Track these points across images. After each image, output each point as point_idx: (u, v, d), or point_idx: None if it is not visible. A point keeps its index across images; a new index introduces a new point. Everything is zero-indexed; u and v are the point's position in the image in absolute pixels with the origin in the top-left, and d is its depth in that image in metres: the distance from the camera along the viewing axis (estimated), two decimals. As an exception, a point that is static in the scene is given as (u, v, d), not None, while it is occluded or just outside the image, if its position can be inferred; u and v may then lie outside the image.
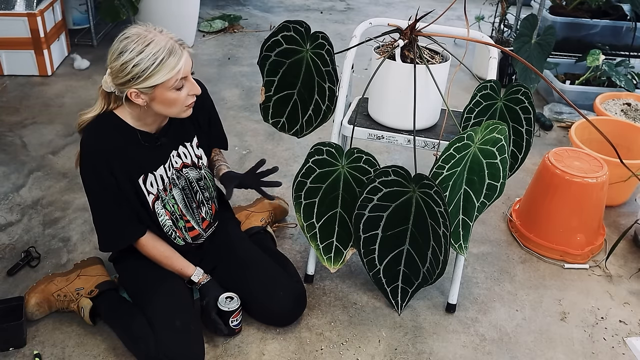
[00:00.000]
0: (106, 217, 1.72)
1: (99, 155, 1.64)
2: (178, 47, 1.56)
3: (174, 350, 1.64)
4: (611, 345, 1.91)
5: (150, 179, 1.74)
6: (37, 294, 1.84)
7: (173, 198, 1.81)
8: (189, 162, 1.84)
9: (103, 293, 1.85)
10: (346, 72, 1.93)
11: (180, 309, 1.74)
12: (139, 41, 1.53)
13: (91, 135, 1.66)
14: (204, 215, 1.91)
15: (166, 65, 1.53)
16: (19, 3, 3.41)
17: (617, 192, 2.50)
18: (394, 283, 1.92)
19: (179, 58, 1.55)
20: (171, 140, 1.78)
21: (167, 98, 1.58)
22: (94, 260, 2.00)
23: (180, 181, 1.83)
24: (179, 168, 1.82)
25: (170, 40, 1.56)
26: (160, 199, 1.77)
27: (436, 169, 1.74)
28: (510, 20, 4.03)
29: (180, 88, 1.59)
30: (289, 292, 1.86)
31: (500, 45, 2.38)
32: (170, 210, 1.81)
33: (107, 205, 1.70)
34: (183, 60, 1.56)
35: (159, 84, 1.55)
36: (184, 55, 1.57)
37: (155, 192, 1.76)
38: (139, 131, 1.69)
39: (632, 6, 3.46)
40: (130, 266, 1.86)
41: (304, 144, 2.91)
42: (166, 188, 1.79)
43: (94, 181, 1.66)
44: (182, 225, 1.85)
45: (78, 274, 1.91)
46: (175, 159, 1.81)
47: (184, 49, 1.58)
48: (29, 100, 3.26)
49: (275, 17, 4.87)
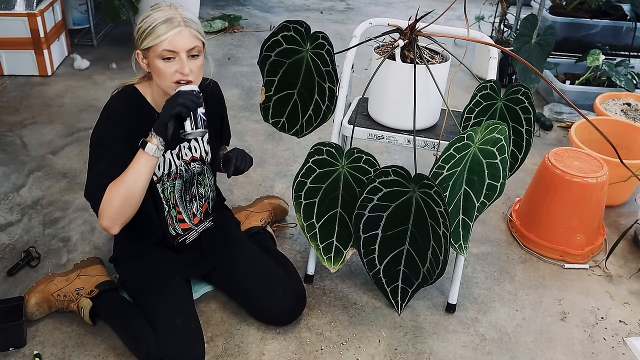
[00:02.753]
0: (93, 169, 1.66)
1: (118, 112, 1.68)
2: (180, 22, 1.59)
3: (175, 349, 1.64)
4: (611, 345, 1.91)
5: (159, 160, 1.76)
6: (37, 294, 1.84)
7: (173, 186, 1.83)
8: (197, 157, 1.87)
9: (103, 293, 1.85)
10: (346, 72, 1.93)
11: (181, 308, 1.74)
12: (153, 8, 1.63)
13: (118, 100, 1.72)
14: (195, 210, 1.91)
15: (156, 30, 1.58)
16: (19, 3, 3.41)
17: (617, 192, 2.50)
18: (394, 283, 1.92)
19: (171, 29, 1.57)
20: None
21: (156, 66, 1.62)
22: (94, 260, 2.00)
23: (187, 174, 1.85)
24: (188, 161, 1.84)
25: (175, 14, 1.60)
26: (161, 182, 1.79)
27: (436, 169, 1.74)
28: (510, 20, 4.04)
29: (169, 61, 1.60)
30: (289, 291, 1.86)
31: (500, 45, 2.38)
32: (166, 197, 1.82)
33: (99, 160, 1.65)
34: (174, 33, 1.57)
35: (150, 48, 1.59)
36: (179, 30, 1.58)
37: (159, 175, 1.77)
38: (157, 113, 1.72)
39: (632, 6, 3.47)
40: (130, 266, 1.87)
41: (304, 144, 2.91)
42: (170, 174, 1.80)
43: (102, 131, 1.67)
44: (173, 215, 1.86)
45: (78, 273, 1.91)
46: (186, 151, 1.83)
47: (185, 27, 1.59)
48: (29, 100, 3.26)
49: (275, 17, 4.87)
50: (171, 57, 1.60)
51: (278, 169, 2.76)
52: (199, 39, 1.63)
